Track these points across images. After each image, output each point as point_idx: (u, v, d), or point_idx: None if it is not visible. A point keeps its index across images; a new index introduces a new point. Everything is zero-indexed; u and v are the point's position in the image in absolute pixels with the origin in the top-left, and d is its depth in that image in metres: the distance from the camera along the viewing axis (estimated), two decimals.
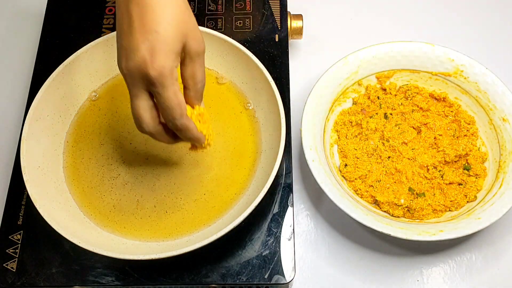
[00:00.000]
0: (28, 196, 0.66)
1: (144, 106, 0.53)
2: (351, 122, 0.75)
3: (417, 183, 0.71)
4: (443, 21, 0.89)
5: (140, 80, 0.52)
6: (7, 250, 0.65)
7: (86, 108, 0.72)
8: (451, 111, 0.76)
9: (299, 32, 0.81)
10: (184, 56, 0.54)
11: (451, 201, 0.69)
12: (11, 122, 0.80)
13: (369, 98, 0.77)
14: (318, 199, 0.74)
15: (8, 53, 0.88)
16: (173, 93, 0.52)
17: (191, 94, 0.57)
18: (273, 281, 0.63)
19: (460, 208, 0.69)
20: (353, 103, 0.77)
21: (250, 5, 0.81)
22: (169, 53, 0.51)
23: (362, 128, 0.75)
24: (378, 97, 0.77)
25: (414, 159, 0.72)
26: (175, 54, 0.52)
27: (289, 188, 0.68)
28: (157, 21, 0.51)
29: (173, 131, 0.56)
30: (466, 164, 0.72)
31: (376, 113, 0.76)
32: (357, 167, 0.72)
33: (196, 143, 0.59)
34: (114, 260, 0.60)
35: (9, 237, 0.66)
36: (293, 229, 0.66)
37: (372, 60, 0.76)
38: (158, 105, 0.53)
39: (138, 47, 0.51)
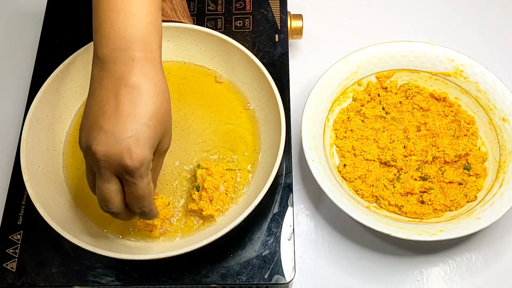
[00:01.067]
0: (28, 196, 0.66)
1: (116, 189, 0.53)
2: (349, 117, 0.75)
3: (417, 182, 0.71)
4: (443, 21, 0.89)
5: (115, 167, 0.51)
6: (7, 250, 0.65)
7: None
8: (451, 111, 0.76)
9: (299, 32, 0.81)
10: (154, 151, 0.53)
11: (451, 200, 0.69)
12: (11, 122, 0.80)
13: (369, 95, 0.77)
14: (318, 199, 0.74)
15: (8, 53, 0.88)
16: (147, 182, 0.52)
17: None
18: (273, 281, 0.63)
19: (460, 208, 0.69)
20: (352, 100, 0.77)
21: (250, 5, 0.81)
22: (151, 147, 0.51)
23: (360, 125, 0.75)
24: (378, 95, 0.77)
25: (414, 158, 0.72)
26: (153, 149, 0.52)
27: (289, 188, 0.68)
28: (150, 116, 0.51)
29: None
30: (466, 164, 0.72)
31: (377, 113, 0.76)
32: (355, 166, 0.72)
33: (147, 220, 0.61)
34: (114, 260, 0.60)
35: (9, 237, 0.66)
36: (293, 229, 0.66)
37: (372, 60, 0.76)
38: (129, 192, 0.53)
39: (124, 137, 0.50)
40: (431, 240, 0.63)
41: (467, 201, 0.70)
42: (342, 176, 0.72)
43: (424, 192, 0.70)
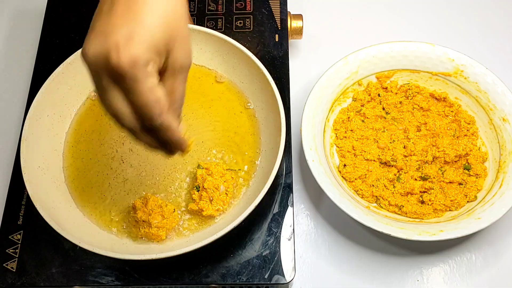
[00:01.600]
0: (28, 196, 0.66)
1: (117, 98, 0.45)
2: (349, 117, 0.75)
3: (417, 182, 0.71)
4: (443, 21, 0.89)
5: (105, 71, 0.44)
6: (7, 250, 0.65)
7: (86, 108, 0.72)
8: (451, 111, 0.76)
9: (299, 32, 0.81)
10: (166, 68, 0.47)
11: (451, 200, 0.69)
12: (11, 122, 0.80)
13: (369, 95, 0.77)
14: (318, 199, 0.74)
15: (8, 53, 0.88)
16: (148, 88, 0.44)
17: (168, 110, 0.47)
18: (273, 281, 0.63)
19: (460, 208, 0.69)
20: (352, 100, 0.77)
21: (250, 5, 0.81)
22: (149, 44, 0.43)
23: (360, 125, 0.75)
24: (378, 95, 0.77)
25: (414, 158, 0.72)
26: (154, 48, 0.44)
27: (289, 188, 0.68)
28: (146, 11, 0.44)
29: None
30: (467, 164, 0.72)
31: (377, 113, 0.76)
32: (355, 166, 0.72)
33: (175, 147, 0.50)
34: (114, 260, 0.60)
35: (9, 237, 0.66)
36: (293, 229, 0.66)
37: (372, 60, 0.76)
38: (131, 102, 0.45)
39: (114, 31, 0.43)
40: (431, 240, 0.63)
41: (467, 201, 0.70)
42: (342, 176, 0.72)
43: (424, 192, 0.70)
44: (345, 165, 0.72)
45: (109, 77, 0.44)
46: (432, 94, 0.77)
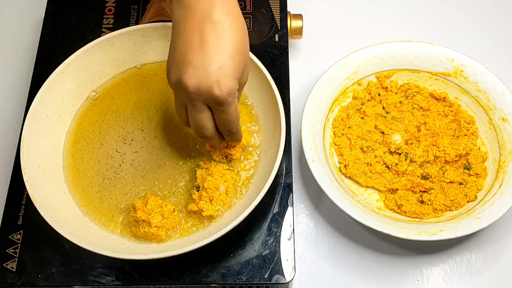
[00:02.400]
0: (28, 196, 0.66)
1: (208, 117, 0.58)
2: (348, 115, 0.75)
3: (418, 180, 0.71)
4: (443, 21, 0.89)
5: (206, 97, 0.55)
6: (7, 250, 0.65)
7: (86, 108, 0.72)
8: (451, 111, 0.76)
9: (299, 32, 0.81)
10: None
11: (451, 200, 0.69)
12: (11, 122, 0.80)
13: (370, 93, 0.77)
14: (318, 199, 0.74)
15: (8, 53, 0.88)
16: (235, 108, 0.58)
17: None
18: (273, 281, 0.63)
19: (460, 208, 0.69)
20: (352, 98, 0.77)
21: (250, 5, 0.81)
22: (237, 78, 0.56)
23: (359, 122, 0.75)
24: (378, 94, 0.77)
25: (414, 158, 0.72)
26: (239, 79, 0.57)
27: (289, 188, 0.68)
28: (233, 48, 0.55)
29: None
30: (467, 164, 0.72)
31: (377, 112, 0.76)
32: (356, 161, 0.72)
33: (235, 143, 0.66)
34: (114, 260, 0.60)
35: (9, 237, 0.66)
36: (293, 229, 0.66)
37: (372, 60, 0.76)
38: (220, 119, 0.58)
39: (212, 69, 0.54)
40: (431, 240, 0.63)
41: (467, 201, 0.70)
42: (343, 175, 0.72)
43: (424, 192, 0.70)
44: (345, 165, 0.72)
45: (204, 102, 0.56)
46: (432, 94, 0.77)
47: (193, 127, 0.60)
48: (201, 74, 0.54)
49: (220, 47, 0.54)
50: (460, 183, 0.71)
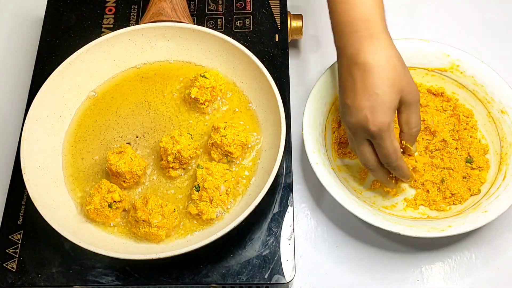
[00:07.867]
0: (28, 196, 0.66)
1: (368, 150, 0.64)
2: None
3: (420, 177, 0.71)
4: (439, 17, 0.89)
5: (362, 133, 0.62)
6: (7, 250, 0.65)
7: (86, 108, 0.72)
8: (449, 106, 0.76)
9: (299, 32, 0.81)
10: (400, 105, 0.63)
11: (453, 194, 0.69)
12: (11, 122, 0.80)
13: None
14: (318, 198, 0.74)
15: (8, 54, 0.88)
16: (390, 142, 0.61)
17: (406, 137, 0.66)
18: (273, 281, 0.63)
19: (464, 202, 0.69)
20: None
21: (250, 5, 0.81)
22: (387, 110, 0.60)
23: None
24: None
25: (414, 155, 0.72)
26: (392, 110, 0.61)
27: (289, 188, 0.68)
28: (377, 84, 0.60)
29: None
30: (468, 157, 0.72)
31: None
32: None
33: (403, 179, 0.68)
34: (114, 260, 0.60)
35: (9, 237, 0.66)
36: (293, 229, 0.66)
37: None
38: (378, 152, 0.63)
39: (361, 107, 0.60)
40: (441, 236, 0.63)
41: (471, 195, 0.70)
42: (343, 173, 0.72)
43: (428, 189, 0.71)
44: (346, 166, 0.72)
45: (365, 135, 0.62)
46: (429, 89, 0.77)
47: (359, 158, 0.66)
48: (354, 113, 0.61)
49: (365, 86, 0.60)
50: (464, 177, 0.71)
